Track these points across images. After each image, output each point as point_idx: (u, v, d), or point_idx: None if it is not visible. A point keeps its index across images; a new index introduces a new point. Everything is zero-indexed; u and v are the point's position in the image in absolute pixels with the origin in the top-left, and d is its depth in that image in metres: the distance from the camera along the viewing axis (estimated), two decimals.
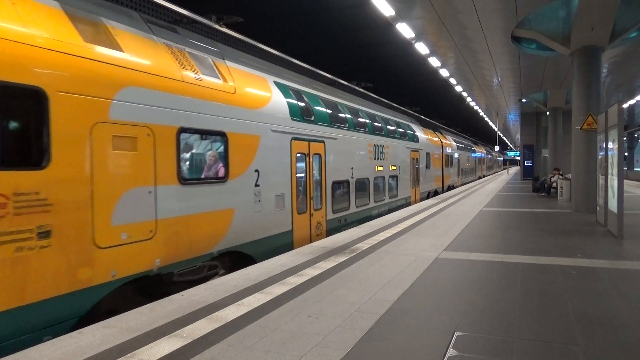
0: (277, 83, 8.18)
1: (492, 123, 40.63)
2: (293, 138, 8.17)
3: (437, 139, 21.73)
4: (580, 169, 12.27)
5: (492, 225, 9.76)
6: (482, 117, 37.50)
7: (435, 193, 20.82)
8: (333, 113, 10.39)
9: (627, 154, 52.42)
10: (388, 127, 14.51)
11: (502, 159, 79.10)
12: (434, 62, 16.02)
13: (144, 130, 4.95)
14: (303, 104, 8.86)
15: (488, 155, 53.70)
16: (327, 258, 6.46)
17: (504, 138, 65.94)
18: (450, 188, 24.61)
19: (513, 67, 17.07)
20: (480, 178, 40.31)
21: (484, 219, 10.75)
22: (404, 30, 12.14)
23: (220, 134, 6.23)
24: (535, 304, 4.32)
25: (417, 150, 17.37)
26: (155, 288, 5.21)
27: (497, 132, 42.96)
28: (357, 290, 4.80)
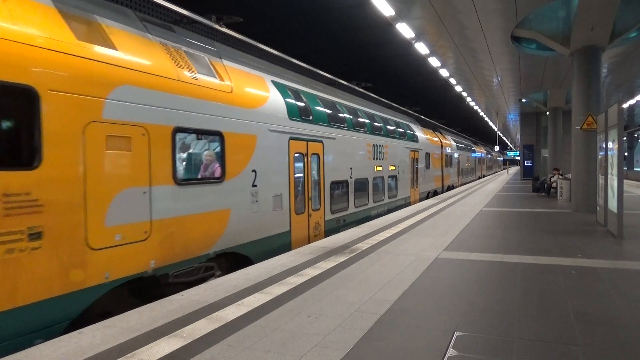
0: (275, 82, 8.12)
1: (492, 123, 40.64)
2: (291, 138, 8.11)
3: (436, 139, 21.70)
4: (580, 169, 12.27)
5: (492, 225, 9.76)
6: (482, 117, 37.51)
7: (435, 193, 20.80)
8: (332, 113, 10.32)
9: (627, 154, 52.46)
10: (387, 127, 14.46)
11: (502, 159, 79.11)
12: (434, 62, 16.02)
13: (139, 130, 4.88)
14: (301, 104, 8.80)
15: (488, 155, 53.70)
16: (327, 258, 6.46)
17: (504, 138, 65.96)
18: (450, 188, 24.60)
19: (513, 67, 17.07)
20: (480, 178, 40.31)
21: (484, 219, 10.74)
22: (404, 30, 12.14)
23: (217, 134, 6.18)
24: (535, 304, 4.32)
25: (416, 150, 17.35)
26: (150, 290, 5.16)
27: (497, 132, 42.97)
28: (357, 290, 4.80)
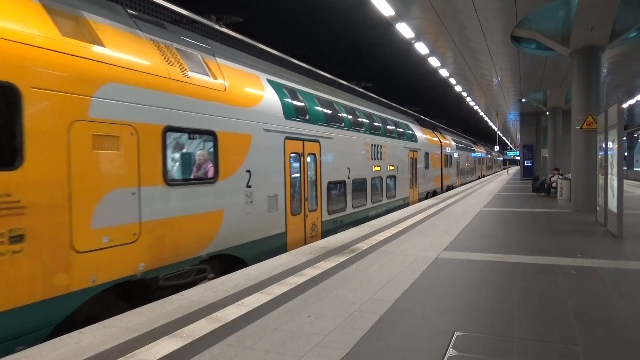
0: (270, 81, 7.99)
1: (491, 123, 40.65)
2: (287, 137, 7.98)
3: (436, 139, 21.68)
4: (580, 169, 12.28)
5: (492, 225, 9.76)
6: (481, 117, 37.52)
7: (434, 193, 20.78)
8: (329, 112, 10.18)
9: (626, 154, 52.46)
10: (386, 126, 14.39)
11: (501, 159, 79.15)
12: (434, 62, 16.02)
13: (127, 129, 4.75)
14: (298, 103, 8.66)
15: (488, 155, 53.71)
16: (326, 258, 6.46)
17: (504, 138, 65.99)
18: (450, 188, 24.58)
19: (513, 67, 17.08)
20: (480, 178, 40.31)
21: (484, 219, 10.74)
22: (404, 30, 12.14)
23: (210, 133, 6.05)
24: (535, 304, 4.32)
25: (415, 150, 17.31)
26: (140, 293, 5.06)
27: (496, 132, 42.99)
28: (357, 290, 4.80)
